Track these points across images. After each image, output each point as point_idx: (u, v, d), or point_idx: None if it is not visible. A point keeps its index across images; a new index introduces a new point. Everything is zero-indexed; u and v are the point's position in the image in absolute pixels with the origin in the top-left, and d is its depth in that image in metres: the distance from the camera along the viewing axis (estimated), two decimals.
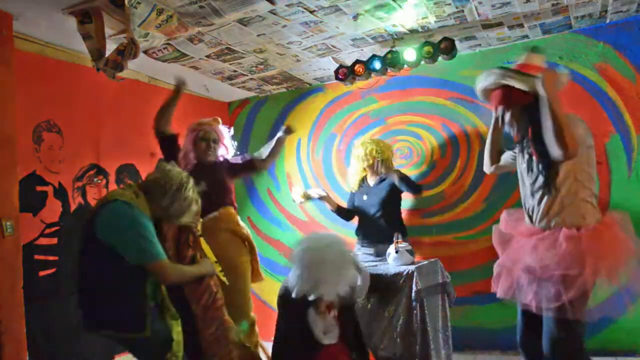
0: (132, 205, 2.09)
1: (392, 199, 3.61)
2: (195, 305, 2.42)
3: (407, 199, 3.98)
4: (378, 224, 3.57)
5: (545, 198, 2.13)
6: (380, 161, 3.62)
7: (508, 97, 2.19)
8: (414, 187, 3.58)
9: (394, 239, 3.42)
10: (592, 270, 1.96)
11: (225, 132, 3.35)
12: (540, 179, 2.14)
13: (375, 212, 3.59)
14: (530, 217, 2.22)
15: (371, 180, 3.72)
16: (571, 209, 2.09)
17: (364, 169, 3.72)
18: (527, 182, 2.23)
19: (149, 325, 2.07)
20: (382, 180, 3.64)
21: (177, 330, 2.18)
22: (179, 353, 2.16)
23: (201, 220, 2.79)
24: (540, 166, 2.13)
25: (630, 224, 2.10)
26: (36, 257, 3.02)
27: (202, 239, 2.67)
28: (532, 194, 2.19)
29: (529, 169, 2.20)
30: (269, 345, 3.13)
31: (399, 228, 3.55)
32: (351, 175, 3.82)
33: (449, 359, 3.25)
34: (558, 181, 2.09)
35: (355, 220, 3.80)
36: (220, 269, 2.66)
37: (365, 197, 3.66)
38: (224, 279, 2.65)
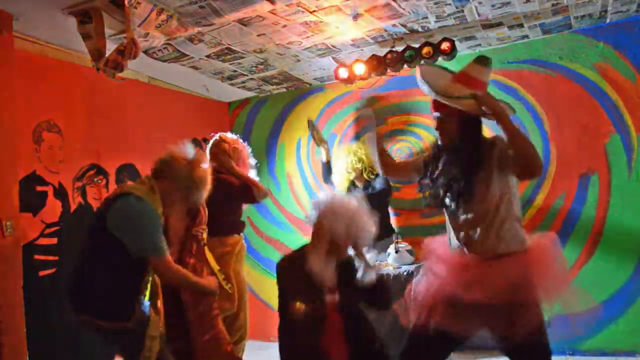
0: (144, 200, 2.11)
1: (381, 201, 3.70)
2: (191, 311, 2.42)
3: (407, 199, 3.97)
4: None
5: (481, 225, 1.96)
6: (364, 169, 3.76)
7: (444, 107, 2.02)
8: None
9: (394, 238, 3.41)
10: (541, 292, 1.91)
11: None
12: (471, 205, 1.96)
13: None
14: (466, 246, 2.03)
15: (359, 184, 3.80)
16: (511, 234, 1.96)
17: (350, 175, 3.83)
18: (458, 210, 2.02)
19: (133, 317, 2.06)
20: (370, 184, 3.74)
21: (155, 327, 2.15)
22: (154, 348, 2.13)
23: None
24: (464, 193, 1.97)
25: (559, 244, 2.04)
26: (36, 257, 3.02)
27: (206, 249, 2.67)
28: (464, 222, 2.01)
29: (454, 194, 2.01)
30: (269, 346, 3.13)
31: (388, 228, 3.71)
32: (338, 178, 3.87)
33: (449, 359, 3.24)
34: (493, 205, 1.95)
35: None
36: (223, 277, 2.73)
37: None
38: (227, 287, 2.69)
